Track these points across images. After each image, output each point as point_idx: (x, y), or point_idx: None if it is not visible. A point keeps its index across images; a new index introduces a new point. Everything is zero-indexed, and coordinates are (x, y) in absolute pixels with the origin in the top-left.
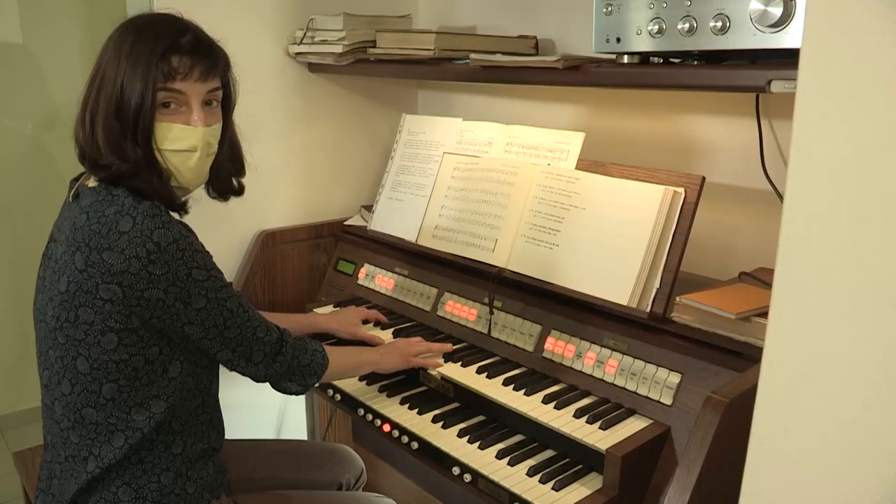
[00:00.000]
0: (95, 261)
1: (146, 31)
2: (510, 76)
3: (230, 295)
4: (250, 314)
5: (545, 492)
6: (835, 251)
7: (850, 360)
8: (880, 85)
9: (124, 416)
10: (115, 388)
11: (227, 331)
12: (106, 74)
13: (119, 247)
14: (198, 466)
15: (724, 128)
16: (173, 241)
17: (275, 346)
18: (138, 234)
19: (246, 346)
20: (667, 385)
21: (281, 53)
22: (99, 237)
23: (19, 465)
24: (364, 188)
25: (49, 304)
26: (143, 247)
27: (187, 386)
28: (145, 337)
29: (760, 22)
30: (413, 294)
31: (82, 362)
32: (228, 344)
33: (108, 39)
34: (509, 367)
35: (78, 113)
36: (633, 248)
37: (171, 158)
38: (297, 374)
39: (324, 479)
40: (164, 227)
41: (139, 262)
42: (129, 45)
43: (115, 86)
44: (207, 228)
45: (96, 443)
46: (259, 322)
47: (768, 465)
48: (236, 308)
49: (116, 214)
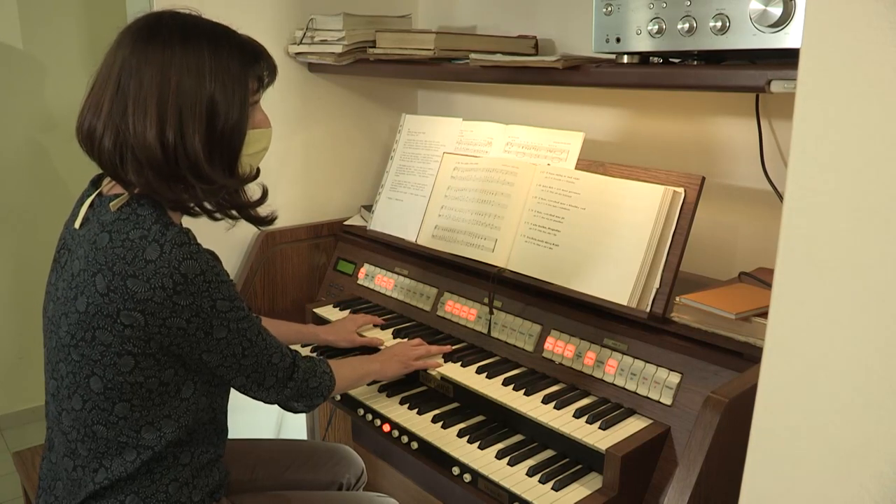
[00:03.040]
0: (118, 286)
1: (219, 39)
2: (510, 76)
3: (251, 325)
4: (267, 341)
5: (545, 492)
6: (835, 251)
7: (850, 360)
8: (880, 85)
9: (134, 435)
10: (128, 408)
11: (244, 359)
12: (184, 90)
13: (145, 275)
14: (203, 474)
15: (724, 128)
16: (200, 273)
17: (287, 370)
18: (165, 263)
19: (260, 373)
20: (666, 385)
21: (281, 53)
22: (123, 262)
23: (19, 465)
24: (364, 188)
25: (64, 320)
26: (169, 278)
27: (200, 406)
28: (162, 360)
29: (760, 22)
30: (413, 294)
31: (96, 381)
32: (244, 371)
33: (164, 50)
34: (509, 367)
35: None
36: (632, 248)
37: (250, 162)
38: (305, 397)
39: (324, 479)
40: (191, 259)
41: (164, 293)
42: (212, 58)
43: (202, 103)
44: (207, 228)
45: (107, 456)
46: (275, 348)
47: (768, 465)
48: (255, 337)
49: (143, 240)
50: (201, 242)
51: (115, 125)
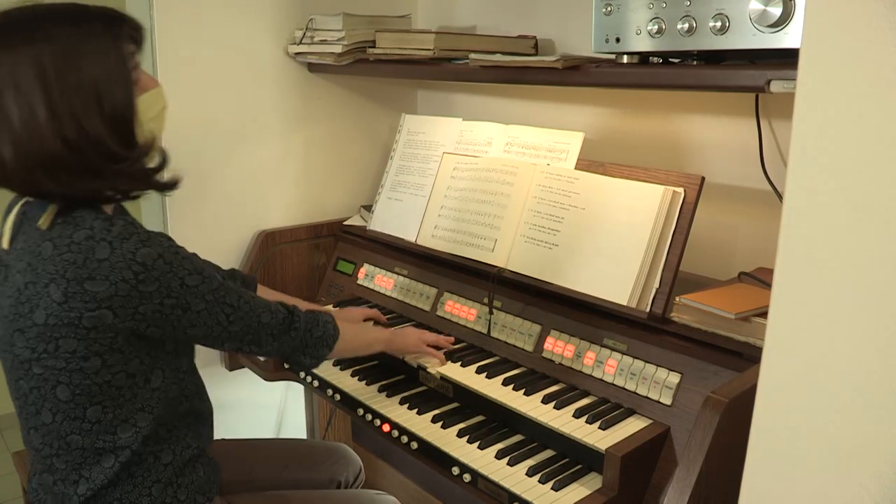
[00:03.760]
0: (76, 291)
1: (78, 19)
2: (510, 76)
3: (227, 291)
4: (251, 303)
5: (545, 492)
6: (834, 251)
7: (850, 360)
8: (880, 85)
9: (111, 438)
10: (100, 411)
11: (231, 325)
12: (66, 81)
13: (102, 274)
14: (187, 472)
15: (724, 128)
16: (158, 257)
17: (282, 324)
18: (120, 258)
19: (253, 334)
20: (666, 385)
21: (280, 53)
22: (76, 267)
23: (19, 465)
24: (363, 188)
25: (19, 336)
26: (129, 269)
27: (171, 394)
28: (127, 352)
29: (760, 22)
30: (413, 294)
31: (63, 390)
32: (235, 336)
33: (29, 47)
34: (509, 367)
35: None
36: (632, 248)
37: (152, 127)
38: (310, 347)
39: (322, 477)
40: (144, 246)
41: (127, 285)
42: (80, 39)
43: (87, 88)
44: (207, 228)
45: (85, 466)
46: (262, 307)
47: (768, 465)
48: (236, 301)
49: (89, 240)
50: (202, 241)
51: (11, 142)
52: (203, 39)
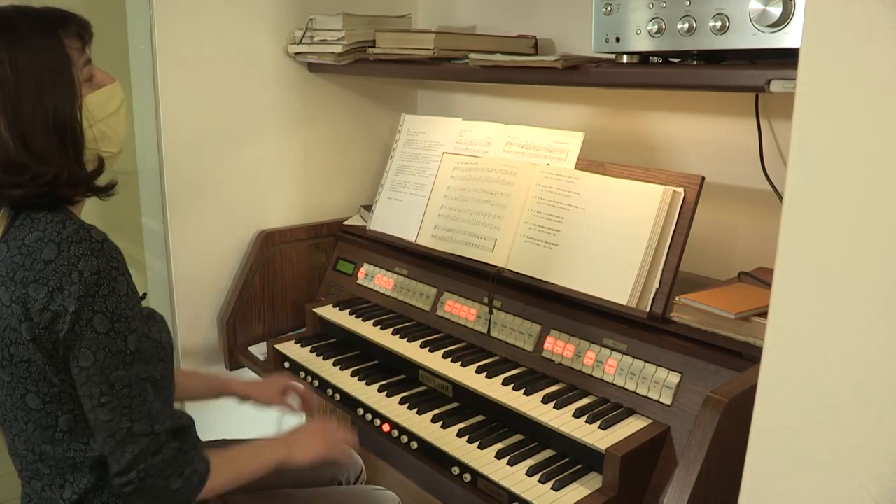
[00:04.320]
0: (20, 296)
1: (13, 24)
2: (510, 76)
3: (126, 368)
4: (137, 399)
5: (545, 491)
6: (834, 251)
7: (850, 359)
8: (880, 85)
9: (82, 448)
10: (72, 420)
11: (99, 408)
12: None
13: (44, 279)
14: None
15: (724, 128)
16: (96, 272)
17: (144, 452)
18: (65, 261)
19: (113, 435)
20: (666, 385)
21: (280, 53)
22: (24, 269)
23: None
24: (363, 188)
25: None
26: (68, 276)
27: None
28: None
29: (760, 22)
30: (412, 294)
31: (32, 399)
32: (99, 422)
33: None
34: (509, 367)
35: None
36: (632, 248)
37: (106, 125)
38: (153, 499)
39: (323, 477)
40: (92, 255)
41: (61, 295)
42: (17, 53)
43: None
44: (207, 228)
45: (69, 470)
46: (143, 414)
47: (768, 465)
48: (122, 389)
49: (39, 242)
50: (202, 241)
51: None
52: (203, 39)
